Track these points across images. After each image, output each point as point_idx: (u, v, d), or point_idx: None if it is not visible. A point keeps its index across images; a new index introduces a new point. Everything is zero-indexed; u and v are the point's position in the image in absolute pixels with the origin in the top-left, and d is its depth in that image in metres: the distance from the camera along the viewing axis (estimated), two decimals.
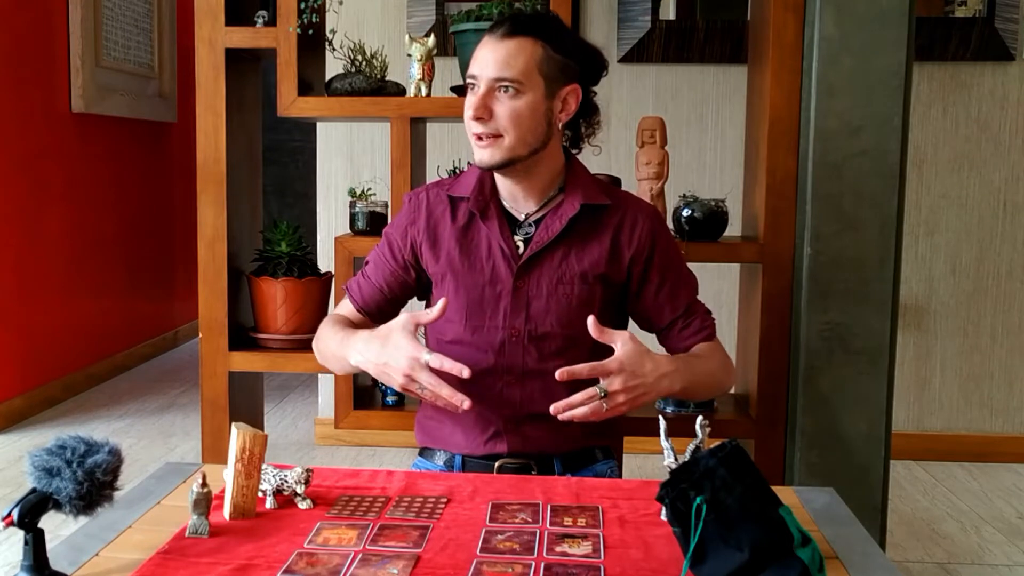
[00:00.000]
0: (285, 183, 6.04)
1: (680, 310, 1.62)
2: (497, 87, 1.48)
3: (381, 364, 1.43)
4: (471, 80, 1.51)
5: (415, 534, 1.13)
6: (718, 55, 3.30)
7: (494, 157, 1.51)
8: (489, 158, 1.51)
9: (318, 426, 3.60)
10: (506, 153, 1.50)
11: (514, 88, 1.48)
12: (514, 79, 1.48)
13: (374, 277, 1.65)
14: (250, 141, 2.33)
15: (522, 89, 1.48)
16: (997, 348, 3.38)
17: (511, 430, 1.56)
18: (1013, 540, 2.72)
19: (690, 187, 2.37)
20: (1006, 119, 3.30)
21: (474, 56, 1.52)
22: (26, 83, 3.78)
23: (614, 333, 1.41)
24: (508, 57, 1.48)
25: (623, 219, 1.60)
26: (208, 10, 2.10)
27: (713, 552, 0.98)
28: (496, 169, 1.54)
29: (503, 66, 1.48)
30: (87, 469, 1.01)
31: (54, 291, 4.04)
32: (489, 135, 1.49)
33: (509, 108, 1.48)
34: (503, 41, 1.49)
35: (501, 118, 1.49)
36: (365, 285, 1.66)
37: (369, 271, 1.67)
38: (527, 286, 1.55)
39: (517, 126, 1.49)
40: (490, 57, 1.48)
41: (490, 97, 1.49)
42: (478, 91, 1.49)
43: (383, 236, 1.67)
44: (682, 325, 1.62)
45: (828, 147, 1.96)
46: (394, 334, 1.42)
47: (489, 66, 1.48)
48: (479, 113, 1.48)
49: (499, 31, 1.50)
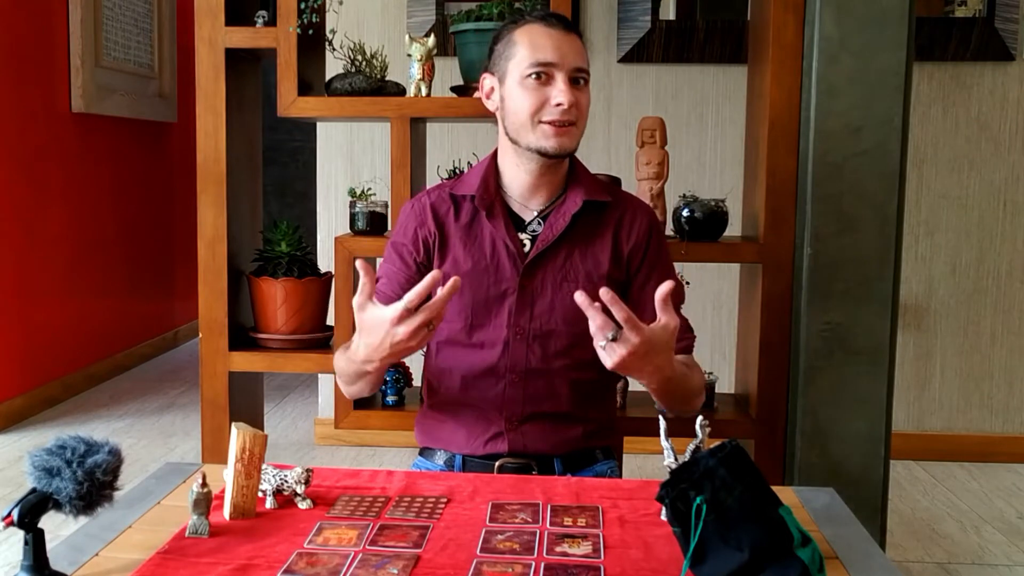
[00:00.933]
0: (285, 183, 6.04)
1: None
2: (575, 77, 1.52)
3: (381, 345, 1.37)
4: (542, 69, 1.51)
5: (415, 534, 1.13)
6: (718, 55, 3.30)
7: (572, 144, 1.55)
8: (569, 144, 1.54)
9: (318, 426, 3.60)
10: (577, 140, 1.56)
11: (585, 79, 1.55)
12: (587, 71, 1.55)
13: (390, 290, 1.60)
14: (250, 141, 2.33)
15: (588, 81, 1.56)
16: (997, 348, 3.38)
17: (512, 430, 1.56)
18: (1013, 540, 2.72)
19: (690, 187, 2.37)
20: (1006, 119, 3.30)
21: (538, 44, 1.51)
22: (26, 83, 3.78)
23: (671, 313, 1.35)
24: (580, 50, 1.54)
25: (622, 216, 1.62)
26: (208, 10, 2.10)
27: (713, 552, 0.98)
28: (563, 156, 1.56)
29: (581, 57, 1.54)
30: (87, 469, 1.01)
31: (54, 291, 4.04)
32: (572, 123, 1.53)
33: (585, 97, 1.55)
34: (569, 34, 1.53)
35: (580, 107, 1.53)
36: (381, 300, 1.60)
37: (383, 287, 1.62)
38: (532, 285, 1.55)
39: (585, 116, 1.57)
40: (567, 47, 1.52)
41: (572, 87, 1.52)
42: (560, 81, 1.51)
43: (389, 248, 1.64)
44: None
45: (828, 147, 1.96)
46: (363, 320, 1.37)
47: (570, 56, 1.52)
48: (573, 99, 1.51)
49: (559, 25, 1.53)
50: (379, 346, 1.37)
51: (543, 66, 1.50)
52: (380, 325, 1.35)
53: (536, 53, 1.51)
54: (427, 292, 1.32)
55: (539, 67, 1.51)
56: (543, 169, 1.57)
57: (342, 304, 2.10)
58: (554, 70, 1.50)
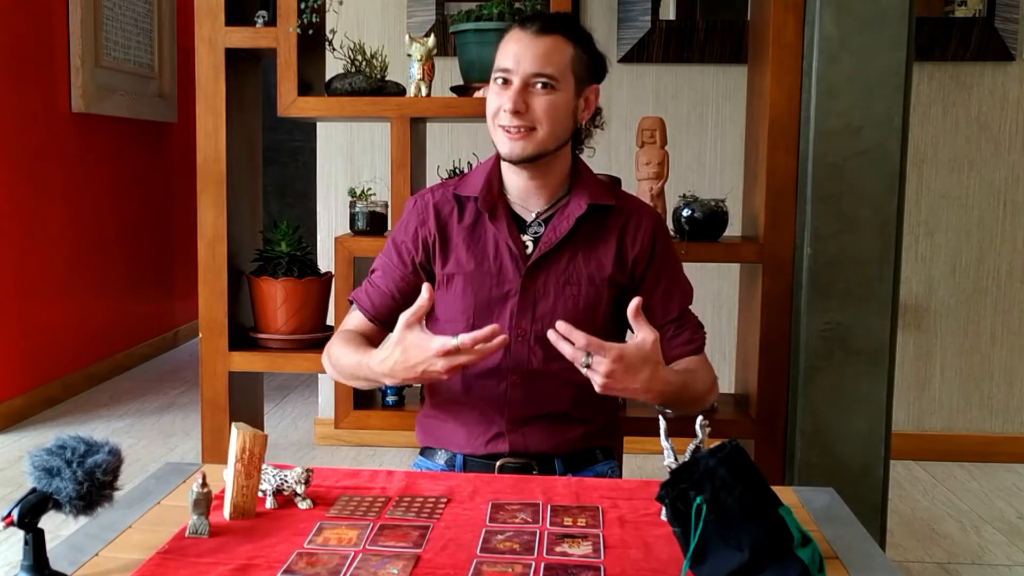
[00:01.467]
0: (285, 183, 6.04)
1: (672, 315, 1.61)
2: (533, 82, 1.50)
3: (413, 368, 1.39)
4: (502, 74, 1.51)
5: (415, 534, 1.13)
6: (718, 55, 3.30)
7: (526, 150, 1.51)
8: (521, 150, 1.51)
9: (318, 426, 3.60)
10: (538, 147, 1.52)
11: (551, 84, 1.50)
12: (551, 75, 1.50)
13: (384, 284, 1.62)
14: (250, 141, 2.33)
15: (557, 86, 1.51)
16: (997, 348, 3.38)
17: (513, 430, 1.56)
18: (1013, 540, 2.72)
19: (690, 187, 2.37)
20: (1006, 119, 3.30)
21: (503, 50, 1.53)
22: (26, 83, 3.78)
23: (646, 328, 1.37)
24: (546, 53, 1.50)
25: (627, 221, 1.61)
26: (208, 10, 2.10)
27: (713, 552, 0.98)
28: (524, 162, 1.54)
29: (542, 62, 1.50)
30: (87, 469, 1.01)
31: (54, 291, 4.04)
32: (523, 128, 1.50)
33: (545, 102, 1.50)
34: (538, 38, 1.51)
35: (536, 111, 1.50)
36: (374, 293, 1.63)
37: (377, 279, 1.64)
38: (535, 287, 1.55)
39: (551, 120, 1.51)
40: (527, 52, 1.50)
41: (525, 92, 1.50)
42: (513, 85, 1.50)
43: (389, 243, 1.65)
44: (672, 333, 1.60)
45: (828, 147, 1.96)
46: (407, 337, 1.40)
47: (526, 61, 1.50)
48: (517, 106, 1.49)
49: (531, 27, 1.51)
50: (411, 368, 1.39)
51: (504, 72, 1.51)
52: (421, 350, 1.38)
53: (500, 60, 1.52)
54: (482, 340, 1.34)
55: (501, 72, 1.52)
56: (529, 173, 1.56)
57: (342, 304, 2.10)
58: (511, 75, 1.50)
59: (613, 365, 1.34)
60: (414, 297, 1.61)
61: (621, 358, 1.34)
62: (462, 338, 1.34)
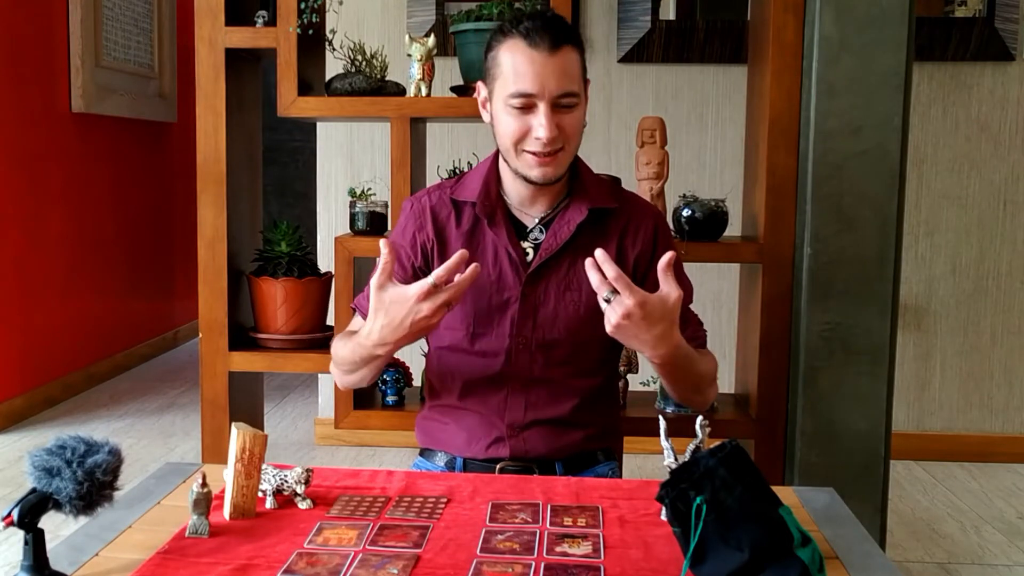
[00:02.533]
0: (285, 183, 6.04)
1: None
2: (559, 103, 1.45)
3: (401, 325, 1.37)
4: (524, 98, 1.44)
5: (415, 534, 1.13)
6: (718, 55, 3.30)
7: (558, 172, 1.49)
8: (554, 174, 1.49)
9: (318, 426, 3.60)
10: (566, 164, 1.50)
11: (574, 100, 1.46)
12: (575, 92, 1.46)
13: None
14: (250, 141, 2.33)
15: (579, 100, 1.47)
16: (997, 348, 3.38)
17: (514, 435, 1.55)
18: (1013, 540, 2.72)
19: (690, 187, 2.37)
20: (1006, 119, 3.30)
21: (517, 71, 1.44)
22: (26, 83, 3.78)
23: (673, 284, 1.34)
24: (565, 70, 1.44)
25: (628, 223, 1.59)
26: (208, 10, 2.10)
27: (713, 552, 0.98)
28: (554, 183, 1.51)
29: (565, 81, 1.44)
30: (87, 469, 1.01)
31: (54, 291, 4.04)
32: (554, 152, 1.47)
33: (572, 121, 1.46)
34: (554, 55, 1.43)
35: (566, 131, 1.46)
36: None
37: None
38: (535, 293, 1.53)
39: (576, 134, 1.49)
40: (548, 73, 1.43)
41: (553, 114, 1.44)
42: (542, 111, 1.43)
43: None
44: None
45: (828, 147, 1.96)
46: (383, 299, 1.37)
47: (551, 83, 1.43)
48: (553, 132, 1.43)
49: (544, 44, 1.43)
50: (399, 325, 1.37)
51: (524, 96, 1.44)
52: (403, 302, 1.35)
53: (517, 82, 1.44)
54: (455, 270, 1.34)
55: (522, 97, 1.44)
56: (538, 186, 1.53)
57: (342, 304, 2.10)
58: (536, 99, 1.44)
59: (634, 308, 1.31)
60: None
61: (644, 304, 1.31)
62: (436, 274, 1.33)
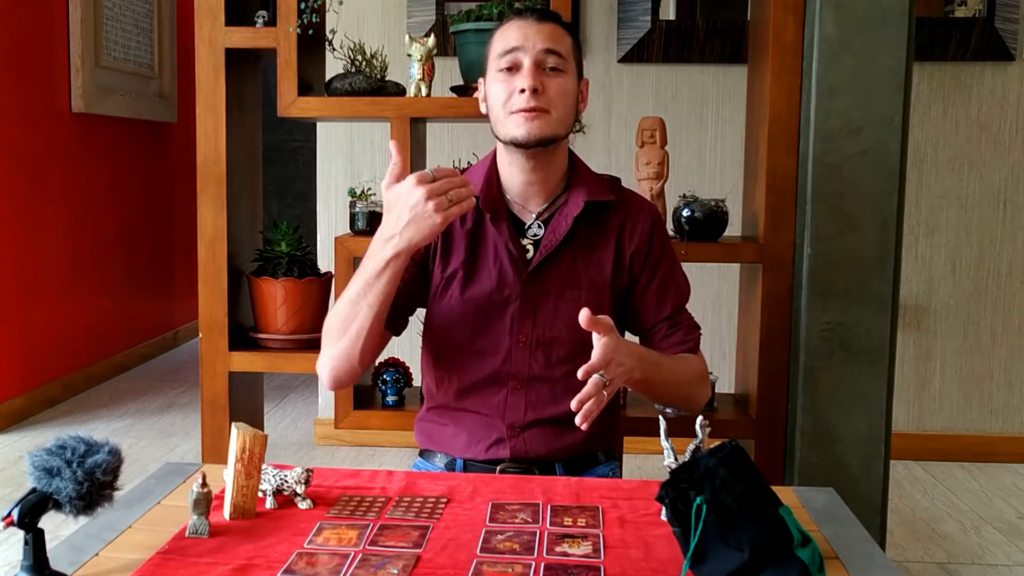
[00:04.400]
0: (285, 183, 6.04)
1: (665, 313, 1.59)
2: (545, 61, 1.49)
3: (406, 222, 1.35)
4: (510, 55, 1.49)
5: (415, 534, 1.13)
6: (718, 55, 3.30)
7: (544, 130, 1.49)
8: (539, 131, 1.49)
9: (318, 426, 3.60)
10: (553, 128, 1.50)
11: (560, 65, 1.50)
12: (561, 53, 1.50)
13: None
14: (250, 141, 2.33)
15: (565, 68, 1.51)
16: (997, 348, 3.38)
17: (514, 436, 1.54)
18: (1013, 540, 2.72)
19: (690, 187, 2.37)
20: (1006, 119, 3.30)
21: (505, 35, 1.51)
22: (26, 83, 3.78)
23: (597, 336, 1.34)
24: (553, 35, 1.50)
25: (625, 219, 1.59)
26: (208, 10, 2.10)
27: (713, 552, 0.98)
28: (538, 145, 1.50)
29: (552, 40, 1.49)
30: (87, 469, 1.01)
31: (54, 291, 4.04)
32: (540, 108, 1.48)
33: (557, 84, 1.49)
34: (541, 23, 1.51)
35: (551, 93, 1.49)
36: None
37: None
38: (535, 291, 1.53)
39: (563, 103, 1.51)
40: (534, 32, 1.49)
41: (538, 72, 1.48)
42: (526, 66, 1.48)
43: None
44: (665, 331, 1.59)
45: (828, 147, 1.96)
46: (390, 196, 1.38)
47: (538, 39, 1.49)
48: (536, 83, 1.47)
49: (531, 16, 1.52)
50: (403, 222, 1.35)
51: (510, 52, 1.49)
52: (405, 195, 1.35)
53: (504, 41, 1.51)
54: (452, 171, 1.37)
55: (507, 54, 1.49)
56: (534, 164, 1.53)
57: None
58: (520, 55, 1.48)
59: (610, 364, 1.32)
60: (419, 297, 1.61)
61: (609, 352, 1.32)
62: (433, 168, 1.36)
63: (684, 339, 1.59)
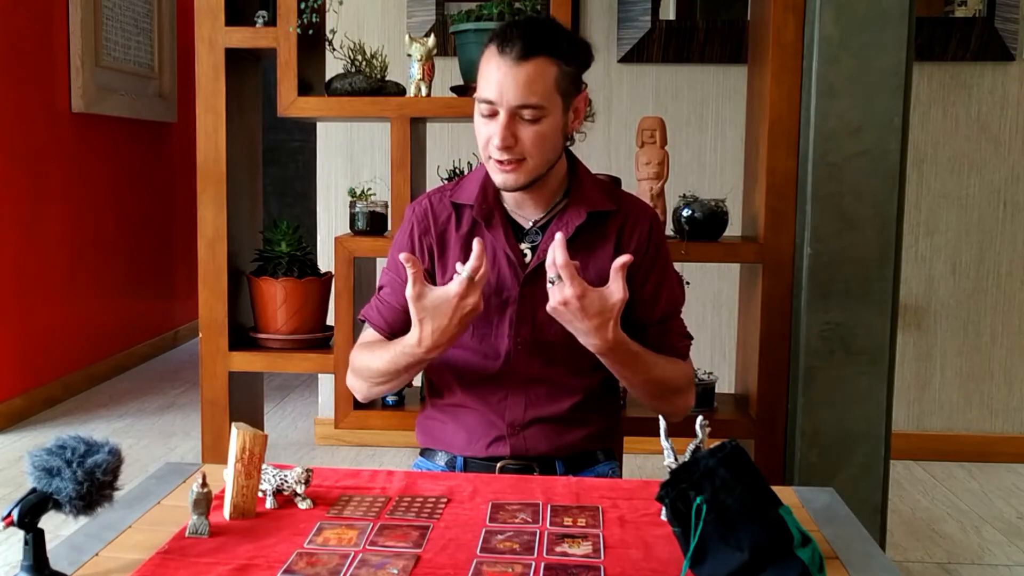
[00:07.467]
0: (285, 183, 6.04)
1: (655, 318, 1.58)
2: (520, 113, 1.44)
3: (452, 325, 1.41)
4: (487, 103, 1.46)
5: (415, 534, 1.13)
6: (718, 55, 3.30)
7: (519, 181, 1.49)
8: (514, 182, 1.48)
9: (318, 426, 3.60)
10: (530, 175, 1.49)
11: (536, 115, 1.45)
12: (537, 104, 1.44)
13: (394, 300, 1.59)
14: (250, 141, 2.33)
15: (544, 113, 1.45)
16: (997, 348, 3.38)
17: (514, 435, 1.55)
18: (1013, 540, 2.72)
19: (690, 187, 2.37)
20: (1006, 119, 3.30)
21: (485, 77, 1.46)
22: (26, 83, 3.78)
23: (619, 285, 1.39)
24: (528, 82, 1.43)
25: (624, 223, 1.59)
26: (208, 10, 2.10)
27: (713, 552, 0.98)
28: (517, 190, 1.51)
29: (526, 92, 1.43)
30: (87, 469, 1.01)
31: (54, 291, 4.04)
32: (514, 160, 1.46)
33: (533, 133, 1.45)
34: (520, 65, 1.43)
35: (525, 143, 1.45)
36: (386, 310, 1.60)
37: (386, 295, 1.61)
38: (534, 294, 1.53)
39: (540, 149, 1.47)
40: (509, 82, 1.43)
41: (513, 123, 1.45)
42: (500, 119, 1.44)
43: (393, 255, 1.61)
44: (655, 336, 1.57)
45: (828, 147, 1.96)
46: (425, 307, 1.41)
47: (510, 92, 1.43)
48: (506, 142, 1.44)
49: (512, 52, 1.43)
50: (447, 325, 1.41)
51: (488, 102, 1.45)
52: (446, 303, 1.40)
53: (483, 88, 1.46)
54: (482, 257, 1.40)
55: (485, 102, 1.46)
56: (523, 193, 1.54)
57: (342, 304, 2.10)
58: (496, 107, 1.45)
59: (571, 298, 1.38)
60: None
61: (582, 296, 1.38)
62: (470, 266, 1.39)
63: (673, 345, 1.59)
